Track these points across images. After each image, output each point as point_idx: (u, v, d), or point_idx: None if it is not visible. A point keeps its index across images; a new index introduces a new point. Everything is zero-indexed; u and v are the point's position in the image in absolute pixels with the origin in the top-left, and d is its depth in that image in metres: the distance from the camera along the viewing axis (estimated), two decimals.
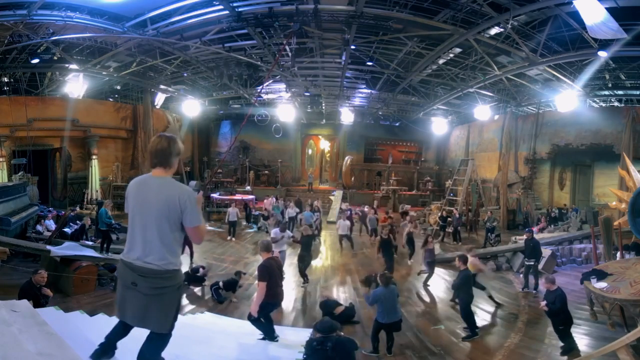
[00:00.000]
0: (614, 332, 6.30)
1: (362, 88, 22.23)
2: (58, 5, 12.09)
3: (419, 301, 9.71)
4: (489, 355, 6.62)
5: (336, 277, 11.78)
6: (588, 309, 7.26)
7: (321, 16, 12.81)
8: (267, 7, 12.42)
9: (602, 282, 6.35)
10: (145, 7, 13.12)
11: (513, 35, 12.87)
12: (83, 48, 16.23)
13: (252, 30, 13.84)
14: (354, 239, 16.38)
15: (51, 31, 13.42)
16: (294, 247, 13.32)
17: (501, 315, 8.52)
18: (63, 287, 8.54)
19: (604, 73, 15.22)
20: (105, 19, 13.22)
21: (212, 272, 10.60)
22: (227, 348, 5.42)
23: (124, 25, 13.59)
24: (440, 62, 16.69)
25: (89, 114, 20.09)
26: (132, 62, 18.04)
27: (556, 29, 12.36)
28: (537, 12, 11.54)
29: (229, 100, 25.71)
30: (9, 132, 17.24)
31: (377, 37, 14.54)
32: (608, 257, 9.20)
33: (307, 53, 16.69)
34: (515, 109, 20.07)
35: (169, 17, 13.53)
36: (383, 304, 6.36)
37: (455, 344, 7.17)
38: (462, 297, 7.56)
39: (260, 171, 27.71)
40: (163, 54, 17.01)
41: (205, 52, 16.77)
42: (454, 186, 20.50)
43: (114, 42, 15.61)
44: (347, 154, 27.97)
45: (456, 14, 12.29)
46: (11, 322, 3.42)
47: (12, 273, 8.69)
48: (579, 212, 15.98)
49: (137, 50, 16.56)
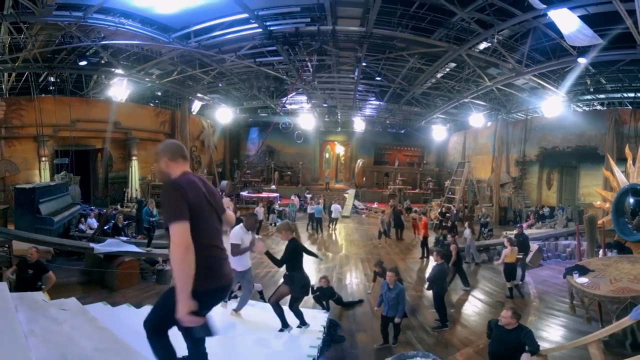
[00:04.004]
0: (589, 327, 6.10)
1: (372, 100, 22.48)
2: (113, 11, 11.70)
3: (418, 287, 9.55)
4: (476, 337, 6.46)
5: (350, 264, 11.62)
6: (568, 302, 7.10)
7: (338, 36, 12.96)
8: (293, 27, 12.44)
9: (583, 278, 5.99)
10: (191, 21, 12.95)
11: (500, 48, 12.76)
12: (130, 54, 15.70)
13: (280, 47, 13.87)
14: (365, 231, 16.96)
15: (102, 35, 12.76)
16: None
17: (489, 303, 8.39)
18: (108, 282, 8.08)
19: (585, 78, 14.95)
20: (154, 29, 12.92)
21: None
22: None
23: (170, 35, 13.37)
24: (439, 76, 16.68)
25: (130, 117, 19.59)
26: (173, 70, 17.59)
27: (537, 40, 12.23)
28: (518, 26, 11.43)
29: (257, 109, 25.83)
30: (52, 132, 16.42)
31: (384, 55, 14.70)
32: (591, 254, 8.89)
33: (325, 69, 16.94)
34: (506, 116, 19.97)
35: (210, 31, 13.35)
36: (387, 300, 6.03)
37: (447, 327, 6.97)
38: (436, 290, 7.20)
39: (283, 172, 27.84)
40: (202, 65, 16.86)
41: (238, 66, 16.55)
42: (452, 186, 20.82)
43: (159, 51, 15.21)
44: (359, 158, 28.24)
45: (449, 32, 12.40)
46: (62, 320, 3.30)
47: (58, 272, 7.79)
48: (565, 210, 15.83)
49: (179, 60, 16.24)
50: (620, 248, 8.58)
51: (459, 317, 7.57)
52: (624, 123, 14.68)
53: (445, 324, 6.95)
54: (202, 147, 24.36)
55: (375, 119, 26.31)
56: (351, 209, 21.76)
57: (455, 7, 10.32)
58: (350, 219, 20.37)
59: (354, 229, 18.09)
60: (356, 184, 26.89)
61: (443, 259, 7.72)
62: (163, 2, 11.45)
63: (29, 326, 2.91)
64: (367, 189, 26.56)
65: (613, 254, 8.31)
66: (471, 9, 10.47)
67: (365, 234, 16.86)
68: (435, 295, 7.16)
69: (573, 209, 15.66)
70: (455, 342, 6.37)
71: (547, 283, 9.26)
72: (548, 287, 8.99)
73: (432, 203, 21.70)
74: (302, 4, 11.62)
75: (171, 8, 11.77)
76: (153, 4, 11.57)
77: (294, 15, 12.25)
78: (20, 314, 3.02)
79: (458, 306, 8.22)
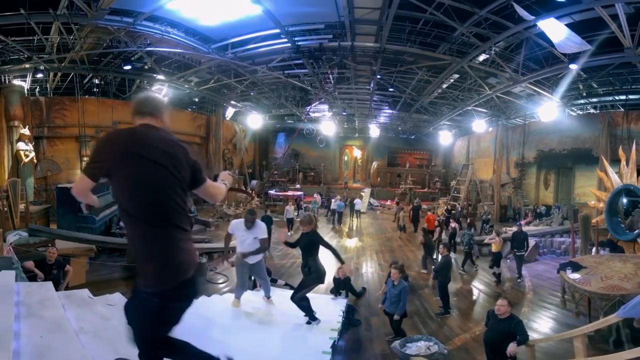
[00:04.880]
0: (577, 321, 5.86)
1: (385, 109, 22.47)
2: (161, 19, 11.30)
3: (426, 274, 9.34)
4: (474, 325, 6.37)
5: (365, 255, 11.52)
6: (560, 296, 6.87)
7: (356, 51, 13.03)
8: (318, 43, 12.44)
9: (576, 274, 5.73)
10: (229, 34, 12.66)
11: (497, 59, 12.55)
12: (171, 62, 15.17)
13: (306, 61, 13.79)
14: (379, 225, 17.00)
15: (148, 42, 12.23)
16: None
17: (488, 293, 8.22)
18: None
19: (578, 83, 14.33)
20: (196, 39, 12.58)
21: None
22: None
23: (209, 46, 13.05)
24: (444, 87, 16.57)
25: (169, 120, 19.59)
26: (210, 79, 17.21)
27: (530, 50, 11.95)
28: (512, 37, 11.21)
29: (284, 116, 25.75)
30: (94, 133, 15.27)
31: (395, 68, 14.68)
32: (584, 251, 8.40)
33: (345, 81, 16.98)
34: (506, 122, 19.63)
35: (246, 44, 13.17)
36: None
37: (449, 314, 6.87)
38: (441, 279, 7.09)
39: (307, 173, 27.82)
40: (236, 75, 16.48)
41: (269, 77, 16.52)
42: (458, 185, 21.18)
43: (199, 60, 14.88)
44: (374, 160, 28.39)
45: (452, 46, 12.38)
46: (109, 316, 3.13)
47: (101, 269, 7.81)
48: (561, 209, 15.31)
49: (216, 69, 15.89)
50: (612, 247, 8.24)
51: (460, 305, 7.46)
52: (617, 125, 14.02)
53: (448, 311, 6.86)
54: (234, 149, 24.17)
55: (389, 126, 26.26)
56: (367, 206, 21.80)
57: (455, 23, 10.31)
58: (366, 214, 20.41)
59: (369, 223, 18.12)
60: (371, 183, 26.93)
61: (448, 251, 7.66)
62: (207, 14, 11.17)
63: (79, 324, 2.76)
64: (381, 188, 26.53)
65: (605, 252, 7.98)
66: (469, 24, 10.47)
67: (380, 228, 16.83)
68: (440, 284, 7.07)
69: (568, 208, 14.55)
70: (454, 328, 6.29)
71: (541, 277, 9.03)
72: (542, 281, 8.78)
73: (439, 201, 21.62)
74: (326, 21, 11.66)
75: (213, 20, 11.56)
76: (198, 16, 11.33)
77: (318, 32, 12.26)
78: (69, 312, 2.82)
79: (460, 295, 8.07)
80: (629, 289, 4.86)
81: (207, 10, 10.75)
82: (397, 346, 4.56)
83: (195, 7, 10.56)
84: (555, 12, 9.08)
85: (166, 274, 1.74)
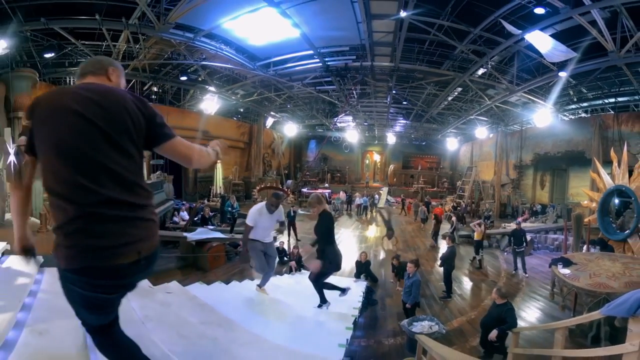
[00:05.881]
0: (562, 314, 5.55)
1: (400, 119, 22.38)
2: (217, 37, 10.94)
3: (433, 262, 9.11)
4: (470, 309, 6.24)
5: (383, 244, 11.38)
6: (549, 288, 6.39)
7: (375, 70, 13.05)
8: (344, 63, 12.51)
9: (566, 269, 5.31)
10: (272, 53, 12.51)
11: (494, 72, 12.20)
12: (222, 75, 14.74)
13: (334, 78, 13.82)
14: (395, 218, 16.44)
15: (204, 57, 11.88)
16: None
17: (486, 281, 7.96)
18: (201, 265, 7.54)
19: (568, 90, 13.46)
20: (244, 56, 12.26)
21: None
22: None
23: (255, 64, 12.83)
24: (449, 99, 16.26)
25: (217, 127, 18.15)
26: (254, 92, 16.86)
27: (522, 62, 11.45)
28: (504, 52, 10.77)
29: (315, 126, 25.56)
30: None
31: (408, 84, 14.59)
32: (576, 248, 7.97)
33: (366, 96, 16.96)
34: (504, 128, 19.15)
35: (285, 63, 13.07)
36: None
37: (451, 298, 6.75)
38: (446, 267, 6.91)
39: (334, 174, 27.86)
40: (276, 89, 16.28)
41: (303, 92, 16.36)
42: (463, 185, 20.99)
43: (245, 75, 14.46)
44: (391, 163, 28.45)
45: (454, 63, 12.21)
46: (169, 302, 2.98)
47: (158, 260, 6.20)
48: (556, 208, 14.60)
49: (259, 84, 15.64)
50: (603, 246, 7.48)
51: (461, 291, 7.30)
52: (608, 127, 13.16)
53: (450, 296, 6.73)
54: (273, 154, 24.13)
55: (403, 134, 26.07)
56: (385, 202, 21.97)
57: (455, 42, 10.23)
58: (384, 209, 20.00)
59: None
60: (389, 183, 27.04)
61: (454, 243, 7.59)
62: (255, 35, 10.98)
63: (143, 312, 2.59)
64: (397, 187, 26.38)
65: (596, 251, 7.31)
66: (467, 42, 10.35)
67: (395, 220, 16.38)
68: (445, 271, 6.91)
69: (562, 207, 14.22)
70: (454, 311, 6.19)
71: (534, 270, 8.56)
72: (535, 273, 8.35)
73: (447, 199, 21.40)
74: (350, 44, 11.73)
75: (260, 40, 11.40)
76: (248, 36, 11.10)
77: (344, 54, 12.36)
78: (133, 302, 2.63)
79: (461, 282, 7.90)
80: (615, 288, 4.40)
81: (256, 31, 10.65)
82: (405, 324, 4.45)
83: (246, 27, 10.40)
84: (538, 24, 8.70)
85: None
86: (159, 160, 14.81)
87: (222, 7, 9.14)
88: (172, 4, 8.82)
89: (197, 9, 8.86)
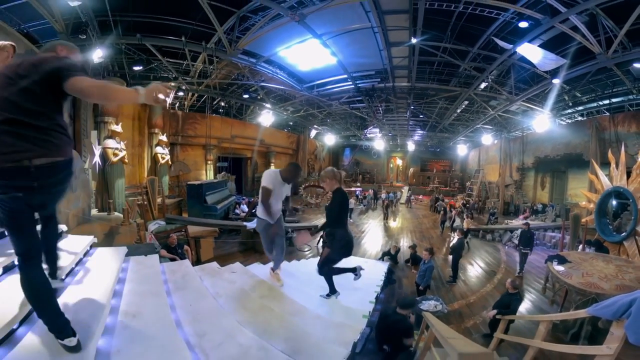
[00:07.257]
0: (550, 308, 5.13)
1: (418, 130, 21.99)
2: (273, 62, 10.96)
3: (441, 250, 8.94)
4: (471, 294, 5.99)
5: (403, 234, 11.20)
6: (542, 283, 6.05)
7: (396, 89, 12.88)
8: (371, 84, 12.46)
9: (560, 266, 4.75)
10: (315, 77, 12.53)
11: (494, 85, 11.67)
12: (276, 94, 14.61)
13: (364, 97, 13.71)
14: (414, 212, 16.63)
15: (262, 79, 11.82)
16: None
17: (486, 270, 7.63)
18: (258, 248, 7.02)
19: (563, 95, 12.37)
20: (294, 80, 12.30)
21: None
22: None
23: (302, 85, 12.82)
24: (458, 111, 15.73)
25: (271, 137, 18.41)
26: (301, 109, 16.82)
27: (518, 73, 10.84)
28: (501, 66, 10.21)
29: (349, 136, 25.17)
30: (216, 143, 14.94)
31: (423, 100, 14.32)
32: (572, 247, 7.15)
33: (389, 111, 16.85)
34: (507, 135, 18.23)
35: (325, 85, 13.07)
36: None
37: (456, 283, 6.52)
38: (454, 256, 6.68)
39: (364, 175, 27.80)
40: (318, 107, 16.20)
41: (339, 109, 16.23)
42: (471, 186, 20.68)
43: (294, 95, 14.41)
44: (411, 167, 27.71)
45: (460, 80, 11.88)
46: (234, 280, 2.88)
47: (224, 245, 7.38)
48: (555, 207, 13.50)
49: (305, 102, 15.64)
50: (598, 246, 6.61)
51: (465, 277, 7.03)
52: (604, 129, 11.61)
53: (455, 281, 6.48)
54: (316, 159, 24.34)
55: (420, 142, 25.47)
56: (405, 199, 21.97)
57: (458, 61, 10.08)
58: (404, 205, 20.58)
59: (406, 211, 18.19)
60: (409, 183, 26.60)
61: (462, 234, 7.42)
62: (304, 62, 11.09)
63: (214, 289, 2.53)
64: (415, 186, 25.84)
65: (591, 251, 6.40)
66: (468, 60, 10.08)
67: (414, 214, 16.54)
68: (453, 259, 6.72)
69: (561, 207, 12.97)
70: (457, 294, 5.98)
71: (531, 265, 7.82)
72: (531, 268, 7.69)
73: (457, 197, 21.09)
74: (375, 68, 11.72)
75: (306, 66, 11.48)
76: (298, 62, 11.13)
77: (370, 77, 12.32)
78: (205, 281, 2.60)
79: (466, 270, 7.57)
80: (605, 289, 3.91)
81: (303, 59, 10.73)
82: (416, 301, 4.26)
83: (296, 55, 10.49)
84: (525, 37, 8.07)
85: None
86: (224, 163, 15.28)
87: (279, 37, 9.21)
88: (242, 33, 8.81)
89: (260, 38, 8.93)
